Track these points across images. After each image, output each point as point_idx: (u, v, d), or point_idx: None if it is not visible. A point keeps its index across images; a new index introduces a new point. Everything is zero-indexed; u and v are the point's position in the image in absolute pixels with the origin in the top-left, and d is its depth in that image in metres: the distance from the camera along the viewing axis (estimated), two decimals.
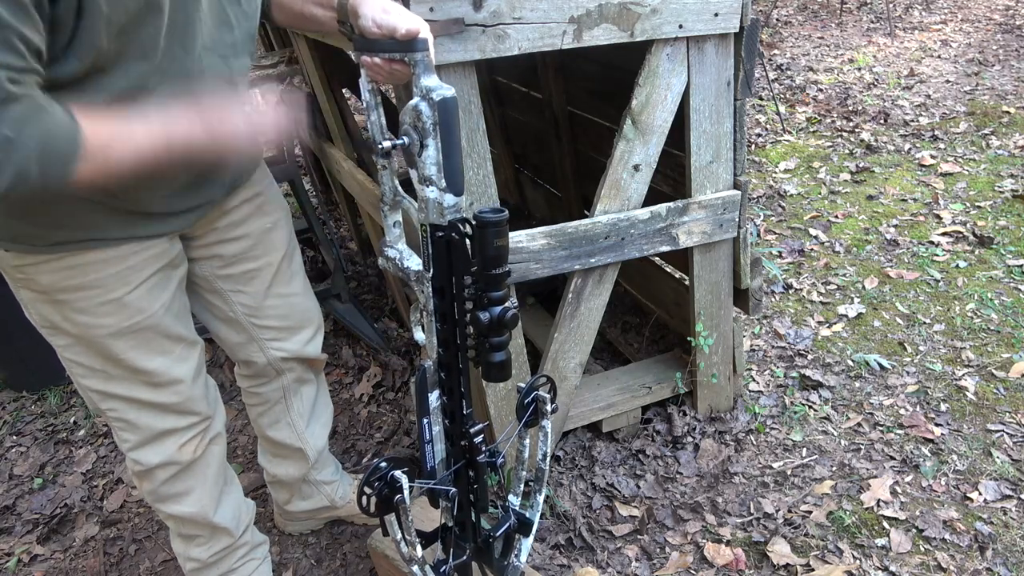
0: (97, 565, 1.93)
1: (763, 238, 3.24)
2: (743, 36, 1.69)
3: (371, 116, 1.14)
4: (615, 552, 1.78)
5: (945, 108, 4.50)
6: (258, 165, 1.45)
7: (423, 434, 1.16)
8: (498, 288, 1.06)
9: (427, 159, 1.02)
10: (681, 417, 2.09)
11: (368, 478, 1.08)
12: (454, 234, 1.05)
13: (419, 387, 1.14)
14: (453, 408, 1.17)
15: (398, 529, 1.14)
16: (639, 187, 1.75)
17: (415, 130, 1.02)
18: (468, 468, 1.20)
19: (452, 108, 1.00)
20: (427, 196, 1.04)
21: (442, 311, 1.11)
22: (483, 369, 1.11)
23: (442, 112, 1.00)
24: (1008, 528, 1.74)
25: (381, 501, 1.09)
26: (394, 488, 1.08)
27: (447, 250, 1.07)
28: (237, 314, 1.47)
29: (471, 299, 1.08)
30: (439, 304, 1.11)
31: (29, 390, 2.70)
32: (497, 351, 1.09)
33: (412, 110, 1.02)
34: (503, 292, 1.07)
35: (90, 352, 1.26)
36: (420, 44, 1.04)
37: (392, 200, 1.20)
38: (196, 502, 1.46)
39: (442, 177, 1.03)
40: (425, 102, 1.00)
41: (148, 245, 1.22)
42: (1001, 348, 2.35)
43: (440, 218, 1.05)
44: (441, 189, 1.04)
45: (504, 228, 1.04)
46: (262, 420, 1.67)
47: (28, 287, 1.19)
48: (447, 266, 1.08)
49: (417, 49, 1.04)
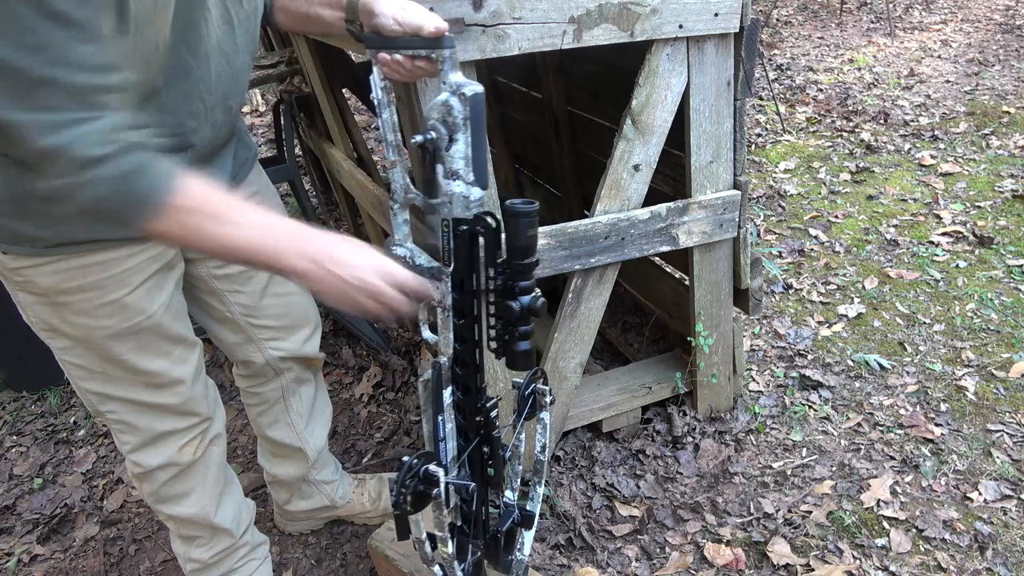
0: (97, 565, 1.93)
1: (763, 238, 3.24)
2: (743, 36, 1.69)
3: (383, 114, 1.13)
4: (615, 552, 1.78)
5: (945, 108, 4.50)
6: (255, 161, 1.45)
7: (437, 431, 1.16)
8: (528, 277, 1.09)
9: (456, 153, 1.04)
10: (681, 417, 2.09)
11: (404, 476, 1.07)
12: (479, 227, 1.07)
13: (434, 384, 1.14)
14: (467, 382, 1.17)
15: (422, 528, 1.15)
16: (639, 187, 1.75)
17: (444, 125, 1.03)
18: (483, 444, 1.21)
19: (481, 103, 1.03)
20: (453, 191, 1.06)
21: (461, 306, 1.13)
22: (509, 358, 1.13)
23: (473, 107, 1.02)
24: (1008, 528, 1.74)
25: (416, 498, 1.08)
26: (430, 483, 1.08)
27: (470, 244, 1.08)
28: (234, 314, 1.47)
29: (498, 290, 1.10)
30: (458, 299, 1.12)
31: (29, 390, 2.70)
32: (524, 340, 1.11)
33: (442, 105, 1.03)
34: (532, 281, 1.09)
35: (89, 354, 1.25)
36: (448, 41, 1.06)
37: (404, 198, 1.20)
38: (196, 503, 1.46)
39: (470, 171, 1.05)
40: (456, 97, 1.02)
41: (146, 246, 1.22)
42: (1001, 348, 2.35)
43: (466, 212, 1.06)
44: (468, 183, 1.05)
45: (535, 218, 1.07)
46: (261, 420, 1.68)
47: (27, 290, 1.19)
48: (469, 260, 1.10)
49: (445, 46, 1.06)
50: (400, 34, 1.08)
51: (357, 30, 1.16)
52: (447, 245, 1.09)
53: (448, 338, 1.15)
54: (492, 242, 1.08)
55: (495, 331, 1.14)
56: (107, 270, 1.18)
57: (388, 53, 1.10)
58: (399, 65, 1.11)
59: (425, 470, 1.08)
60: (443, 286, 1.12)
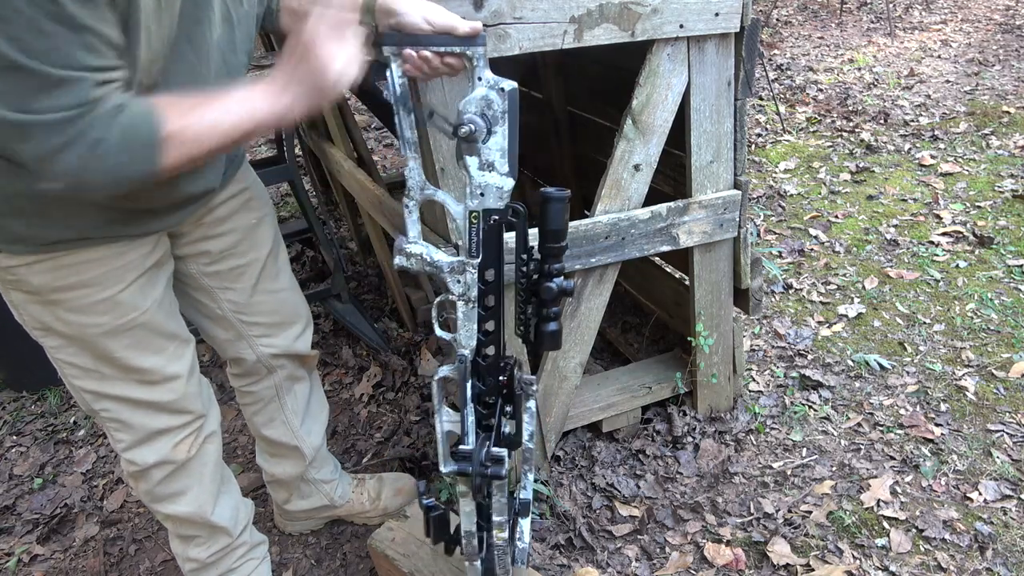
0: (97, 565, 1.92)
1: (763, 238, 3.24)
2: (743, 36, 1.69)
3: (399, 111, 1.13)
4: (615, 552, 1.78)
5: (945, 108, 4.50)
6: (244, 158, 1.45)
7: (462, 424, 1.20)
8: (559, 260, 1.17)
9: (493, 145, 1.08)
10: (681, 417, 2.09)
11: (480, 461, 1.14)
12: (512, 216, 1.13)
13: (460, 378, 1.18)
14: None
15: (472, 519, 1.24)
16: (639, 187, 1.75)
17: (483, 118, 1.08)
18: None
19: (517, 98, 1.09)
20: (487, 182, 1.10)
21: (486, 296, 1.17)
22: (538, 340, 1.21)
23: (511, 101, 1.08)
24: (1008, 528, 1.74)
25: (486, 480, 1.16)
26: (498, 462, 1.16)
27: (499, 234, 1.14)
28: (225, 311, 1.47)
29: (531, 275, 1.18)
30: (483, 289, 1.17)
31: (29, 390, 2.70)
32: (554, 321, 1.19)
33: (481, 99, 1.08)
34: (563, 264, 1.18)
35: (83, 352, 1.25)
36: (482, 39, 1.10)
37: (421, 195, 1.20)
38: (192, 501, 1.46)
39: (505, 162, 1.09)
40: (495, 92, 1.08)
41: (138, 244, 1.22)
42: (1001, 348, 2.35)
43: (499, 202, 1.11)
44: (503, 174, 1.10)
45: (568, 204, 1.15)
46: (257, 419, 1.68)
47: (19, 288, 1.18)
48: (496, 250, 1.15)
49: (479, 44, 1.10)
50: (430, 32, 1.09)
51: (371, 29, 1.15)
52: (475, 237, 1.13)
53: (471, 330, 1.16)
54: (523, 231, 1.16)
55: (523, 316, 1.21)
56: (99, 267, 1.18)
57: (415, 50, 1.10)
58: (425, 62, 1.11)
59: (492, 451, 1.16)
60: (468, 278, 1.14)
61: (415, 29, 1.09)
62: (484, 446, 1.17)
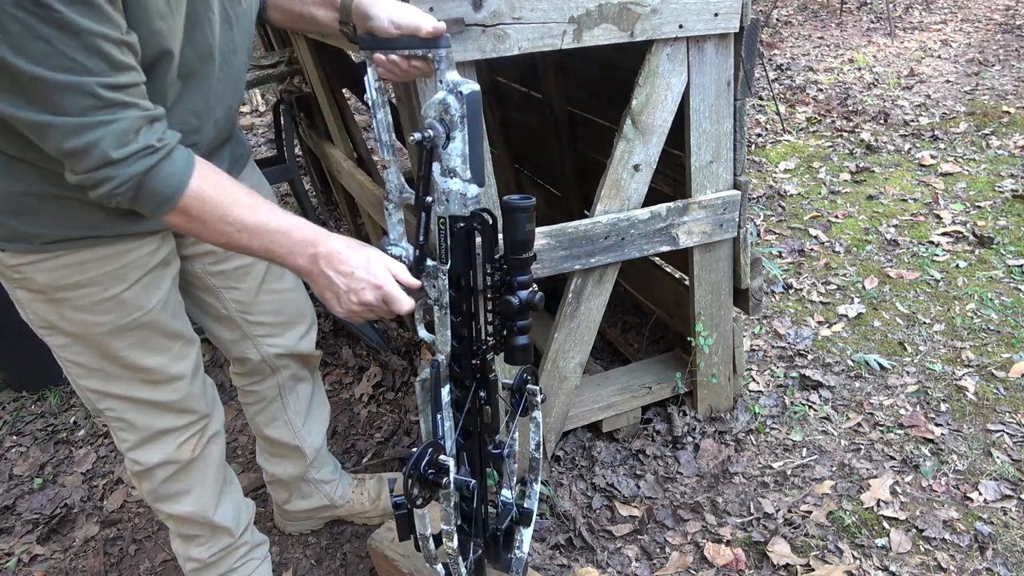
0: (97, 565, 1.93)
1: (763, 238, 3.24)
2: (743, 36, 1.69)
3: (378, 114, 1.15)
4: (615, 552, 1.78)
5: (945, 108, 4.50)
6: (249, 157, 1.45)
7: (436, 429, 1.17)
8: (525, 272, 1.11)
9: (453, 151, 1.05)
10: (681, 417, 2.09)
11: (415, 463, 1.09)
12: (476, 224, 1.08)
13: (432, 382, 1.15)
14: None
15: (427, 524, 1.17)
16: (639, 187, 1.75)
17: (441, 123, 1.05)
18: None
19: (478, 101, 1.05)
20: (450, 188, 1.07)
21: (458, 302, 1.14)
22: (507, 353, 1.15)
23: (470, 105, 1.03)
24: (1008, 528, 1.74)
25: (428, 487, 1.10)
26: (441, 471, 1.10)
27: (467, 240, 1.10)
28: (230, 311, 1.47)
29: (496, 286, 1.12)
30: (455, 296, 1.13)
31: (29, 390, 2.70)
32: (522, 334, 1.14)
33: (439, 104, 1.05)
34: (530, 276, 1.11)
35: (88, 351, 1.25)
36: (444, 41, 1.08)
37: (399, 198, 1.20)
38: (195, 501, 1.46)
39: (467, 168, 1.06)
40: (453, 95, 1.04)
41: (144, 242, 1.22)
42: (1001, 348, 2.35)
43: (463, 209, 1.08)
44: (465, 180, 1.07)
45: (532, 213, 1.09)
46: (259, 419, 1.68)
47: (25, 287, 1.19)
48: (466, 257, 1.11)
49: (442, 45, 1.08)
50: (396, 35, 1.10)
51: (351, 32, 1.16)
52: (444, 243, 1.10)
53: (445, 336, 1.15)
54: (489, 239, 1.10)
55: (493, 327, 1.15)
56: (105, 266, 1.18)
57: (384, 54, 1.11)
58: (395, 65, 1.13)
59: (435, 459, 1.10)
60: (440, 283, 1.12)
61: (383, 33, 1.10)
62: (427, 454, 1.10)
